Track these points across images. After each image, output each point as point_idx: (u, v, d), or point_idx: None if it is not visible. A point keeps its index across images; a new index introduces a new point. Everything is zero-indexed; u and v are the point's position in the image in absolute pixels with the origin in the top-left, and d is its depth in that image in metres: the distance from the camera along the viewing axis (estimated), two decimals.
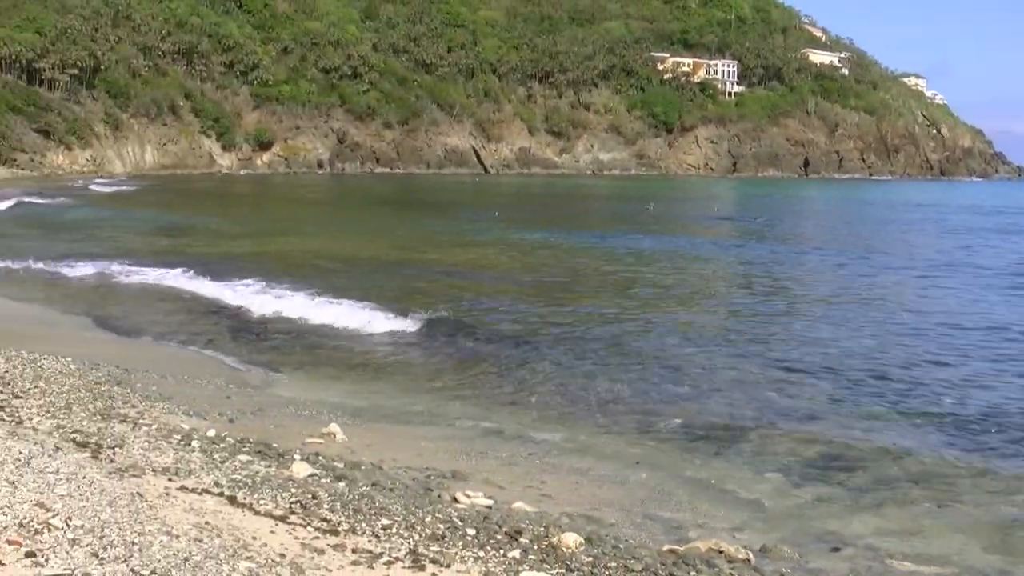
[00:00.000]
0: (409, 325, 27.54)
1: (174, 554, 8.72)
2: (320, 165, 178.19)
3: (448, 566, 9.69)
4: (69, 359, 20.06)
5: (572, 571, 10.05)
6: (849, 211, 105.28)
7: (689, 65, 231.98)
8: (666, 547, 11.67)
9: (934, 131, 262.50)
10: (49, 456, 11.35)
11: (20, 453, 11.13)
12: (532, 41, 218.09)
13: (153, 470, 11.83)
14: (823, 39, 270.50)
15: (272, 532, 10.00)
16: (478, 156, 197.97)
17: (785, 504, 14.50)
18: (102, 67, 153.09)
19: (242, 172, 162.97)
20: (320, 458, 14.02)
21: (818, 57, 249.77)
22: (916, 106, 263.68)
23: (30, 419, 14.06)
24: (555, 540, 10.89)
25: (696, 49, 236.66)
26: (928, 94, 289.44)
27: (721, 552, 11.59)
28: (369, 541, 10.17)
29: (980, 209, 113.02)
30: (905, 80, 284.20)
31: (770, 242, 62.08)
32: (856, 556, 12.52)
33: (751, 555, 11.68)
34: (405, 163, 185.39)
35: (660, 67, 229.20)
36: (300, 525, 10.40)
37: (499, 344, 25.96)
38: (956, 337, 28.34)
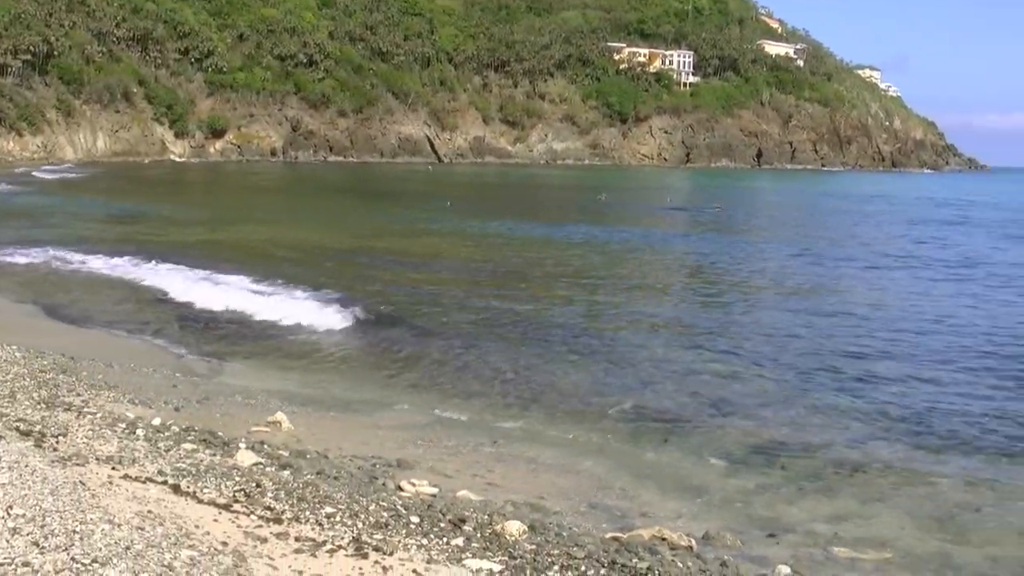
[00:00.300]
0: (360, 315, 27.44)
1: (116, 543, 8.70)
2: (273, 153, 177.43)
3: (391, 554, 9.72)
4: (14, 347, 19.92)
5: (515, 559, 10.10)
6: (801, 202, 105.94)
7: (645, 55, 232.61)
8: (609, 535, 11.76)
9: (887, 123, 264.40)
10: None
11: None
12: (489, 30, 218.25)
13: (97, 459, 11.80)
14: (779, 30, 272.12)
15: (215, 520, 10.01)
16: (432, 145, 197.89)
17: (729, 492, 14.63)
18: (55, 53, 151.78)
19: (194, 160, 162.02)
20: (265, 447, 14.03)
21: (774, 48, 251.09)
22: (870, 98, 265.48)
23: None
24: (498, 528, 10.95)
25: (652, 39, 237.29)
26: (882, 86, 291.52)
27: (664, 539, 11.68)
28: (312, 529, 10.19)
29: (931, 201, 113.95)
30: (860, 72, 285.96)
31: (722, 233, 62.39)
32: (797, 543, 12.68)
33: (694, 542, 11.79)
34: (359, 151, 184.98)
35: (616, 57, 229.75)
36: (243, 513, 10.41)
37: (450, 334, 25.98)
38: (905, 330, 28.60)
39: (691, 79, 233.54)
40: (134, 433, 13.62)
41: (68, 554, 8.24)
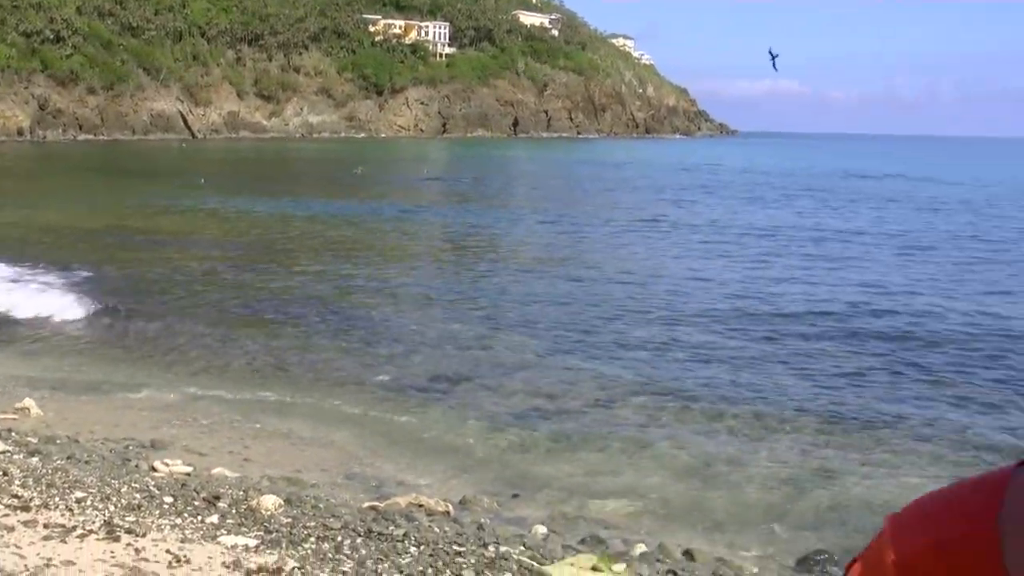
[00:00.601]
0: (111, 296, 26.85)
1: None
2: (20, 133, 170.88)
3: (144, 535, 9.66)
4: None
5: (270, 532, 10.16)
6: (557, 170, 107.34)
7: (401, 27, 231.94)
8: (366, 504, 11.90)
9: (640, 90, 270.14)
10: None
11: None
12: (242, 3, 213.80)
13: None
14: (534, 1, 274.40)
15: None
16: (185, 121, 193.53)
17: (485, 456, 14.98)
18: None
19: None
20: (13, 434, 13.71)
21: (529, 19, 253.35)
22: (624, 66, 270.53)
23: None
24: (254, 503, 10.98)
25: (408, 11, 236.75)
26: (635, 55, 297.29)
27: (421, 506, 11.89)
28: (62, 515, 10.04)
29: (683, 166, 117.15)
30: (613, 41, 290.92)
31: (478, 203, 62.96)
32: (552, 500, 13.10)
33: (451, 507, 12.03)
34: (110, 129, 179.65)
35: (372, 29, 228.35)
36: None
37: (204, 312, 25.69)
38: (658, 293, 29.52)
39: (447, 50, 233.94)
40: None
41: None
